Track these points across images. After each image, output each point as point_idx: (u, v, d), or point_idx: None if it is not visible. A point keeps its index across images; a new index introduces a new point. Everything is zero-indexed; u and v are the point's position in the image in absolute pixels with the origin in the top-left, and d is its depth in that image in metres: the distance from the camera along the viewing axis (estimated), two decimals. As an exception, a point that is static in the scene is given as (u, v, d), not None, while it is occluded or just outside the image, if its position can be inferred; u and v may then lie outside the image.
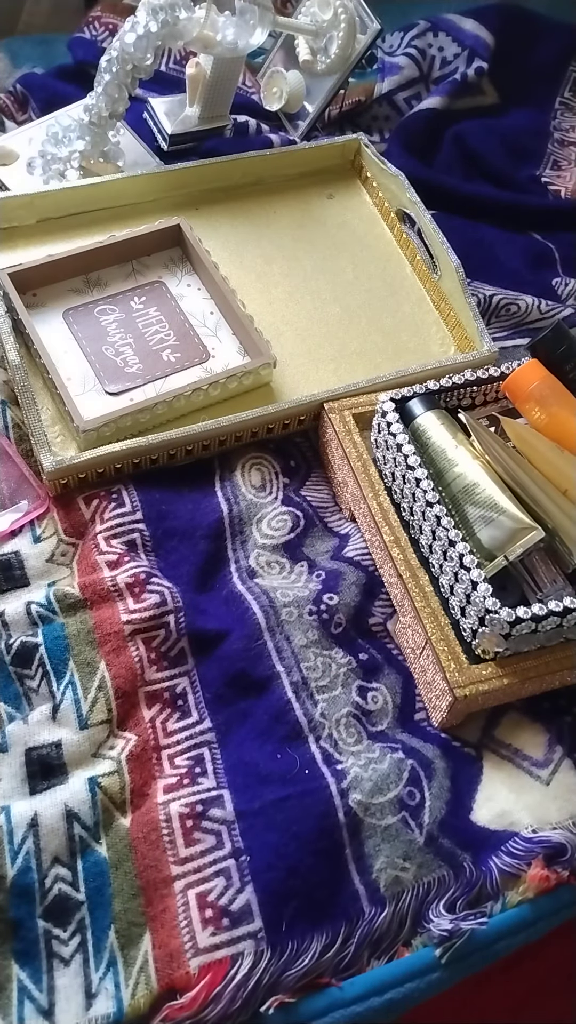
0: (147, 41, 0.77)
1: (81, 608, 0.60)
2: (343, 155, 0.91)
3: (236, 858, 0.50)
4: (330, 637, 0.60)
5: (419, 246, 0.83)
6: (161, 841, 0.51)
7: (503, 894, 0.51)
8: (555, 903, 0.51)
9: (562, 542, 0.57)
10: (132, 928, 0.49)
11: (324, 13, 0.89)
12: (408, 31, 1.06)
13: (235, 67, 0.87)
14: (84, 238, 0.79)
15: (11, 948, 0.48)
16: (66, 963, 0.48)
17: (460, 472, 0.59)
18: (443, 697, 0.55)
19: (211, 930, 0.48)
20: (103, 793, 0.53)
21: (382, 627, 0.63)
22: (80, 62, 1.00)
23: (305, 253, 0.84)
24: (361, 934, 0.49)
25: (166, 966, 0.47)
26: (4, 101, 0.96)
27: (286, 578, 0.63)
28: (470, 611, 0.55)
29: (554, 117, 1.06)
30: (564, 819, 0.54)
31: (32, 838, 0.51)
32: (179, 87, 0.96)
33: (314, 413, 0.70)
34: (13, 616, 0.60)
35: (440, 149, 0.99)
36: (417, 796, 0.54)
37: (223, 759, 0.55)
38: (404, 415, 0.64)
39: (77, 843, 0.51)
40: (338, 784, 0.53)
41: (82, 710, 0.56)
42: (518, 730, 0.58)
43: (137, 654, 0.58)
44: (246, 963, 0.47)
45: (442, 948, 0.49)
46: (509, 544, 0.56)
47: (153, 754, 0.55)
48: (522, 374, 0.65)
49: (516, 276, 0.87)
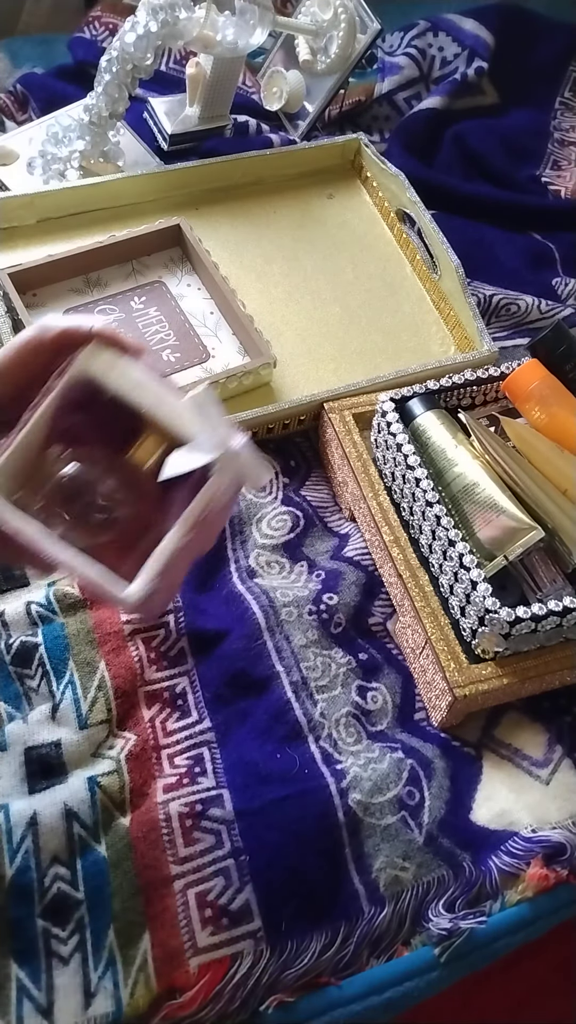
0: (147, 41, 0.77)
1: (81, 608, 0.60)
2: (343, 155, 0.91)
3: (236, 858, 0.50)
4: (330, 637, 0.60)
5: (419, 246, 0.83)
6: (160, 841, 0.51)
7: (502, 893, 0.51)
8: (554, 902, 0.51)
9: (562, 542, 0.57)
10: (131, 927, 0.49)
11: (324, 13, 0.89)
12: (408, 31, 1.06)
13: (235, 67, 0.87)
14: (84, 238, 0.79)
15: (10, 947, 0.48)
16: (65, 962, 0.48)
17: (460, 472, 0.59)
18: (443, 697, 0.55)
19: (210, 929, 0.48)
20: (102, 793, 0.53)
21: (382, 627, 0.63)
22: (80, 62, 1.00)
23: (305, 253, 0.84)
24: (360, 933, 0.49)
25: (165, 965, 0.47)
26: (4, 101, 0.96)
27: (286, 578, 0.63)
28: (470, 611, 0.55)
29: (554, 117, 1.06)
30: (564, 819, 0.54)
31: (31, 837, 0.51)
32: (179, 87, 0.96)
33: (314, 413, 0.70)
34: (13, 616, 0.60)
35: (440, 149, 0.99)
36: (417, 796, 0.54)
37: (223, 759, 0.55)
38: (404, 415, 0.64)
39: (76, 842, 0.51)
40: (338, 784, 0.53)
41: (82, 710, 0.56)
42: (518, 730, 0.58)
43: (137, 654, 0.58)
44: (245, 962, 0.47)
45: (441, 947, 0.49)
46: (509, 544, 0.56)
47: (153, 754, 0.55)
48: (522, 374, 0.65)
49: (516, 276, 0.87)
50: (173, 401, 0.40)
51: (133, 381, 0.40)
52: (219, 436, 0.39)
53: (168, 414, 0.40)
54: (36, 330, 0.41)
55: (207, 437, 0.39)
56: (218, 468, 0.39)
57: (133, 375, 0.40)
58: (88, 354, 0.40)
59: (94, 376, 0.40)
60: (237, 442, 0.40)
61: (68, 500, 0.41)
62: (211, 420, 0.39)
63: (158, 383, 0.40)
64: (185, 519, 0.39)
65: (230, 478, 0.39)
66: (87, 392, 0.40)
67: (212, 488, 0.39)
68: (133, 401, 0.40)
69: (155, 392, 0.40)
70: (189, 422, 0.40)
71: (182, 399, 0.40)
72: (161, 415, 0.40)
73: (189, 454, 0.39)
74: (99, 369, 0.40)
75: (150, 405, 0.40)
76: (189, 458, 0.39)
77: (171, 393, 0.40)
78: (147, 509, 0.41)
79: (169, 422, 0.40)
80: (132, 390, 0.40)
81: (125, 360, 0.40)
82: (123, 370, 0.40)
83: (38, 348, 0.41)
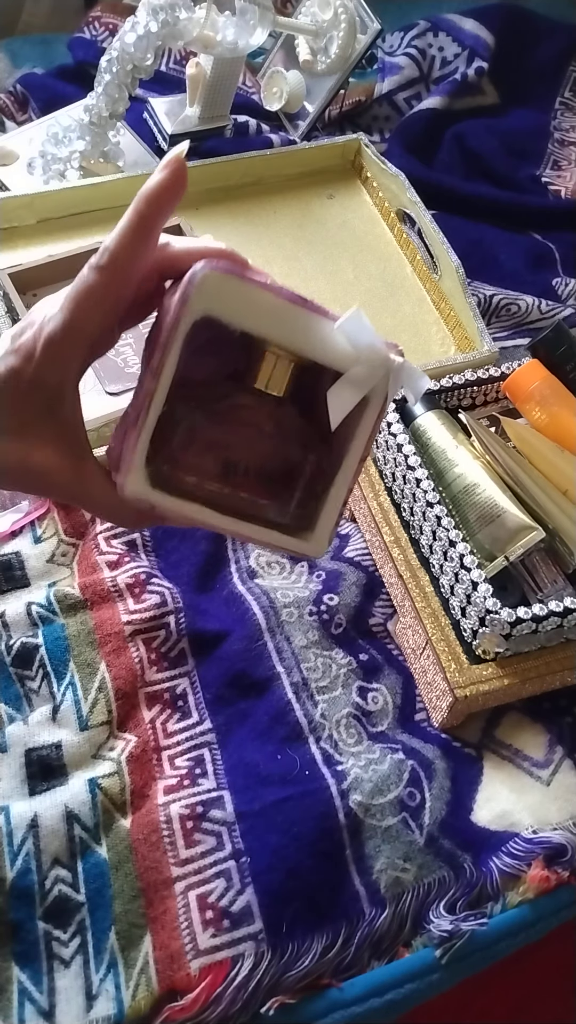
0: (147, 41, 0.77)
1: (81, 609, 0.60)
2: (343, 155, 0.91)
3: (237, 859, 0.50)
4: (330, 637, 0.60)
5: (419, 246, 0.83)
6: (161, 842, 0.51)
7: (503, 895, 0.51)
8: (555, 904, 0.51)
9: (562, 542, 0.57)
10: (133, 929, 0.49)
11: (324, 13, 0.89)
12: (408, 31, 1.06)
13: (235, 67, 0.87)
14: (84, 238, 0.79)
15: (11, 950, 0.48)
16: (66, 965, 0.48)
17: (460, 472, 0.59)
18: (443, 697, 0.55)
19: (212, 931, 0.48)
20: (103, 794, 0.53)
21: (382, 627, 0.63)
22: (80, 62, 1.00)
23: (305, 253, 0.84)
24: (361, 935, 0.49)
25: (167, 967, 0.47)
26: (4, 101, 0.96)
27: (286, 578, 0.63)
28: (471, 611, 0.55)
29: (554, 117, 1.06)
30: (564, 820, 0.54)
31: (32, 839, 0.51)
32: (179, 87, 0.96)
33: (314, 413, 0.70)
34: (13, 617, 0.60)
35: (440, 149, 0.99)
36: (417, 797, 0.54)
37: (223, 760, 0.55)
38: (404, 415, 0.63)
39: (77, 844, 0.51)
40: (338, 785, 0.53)
41: (82, 711, 0.56)
42: (519, 730, 0.58)
43: (137, 655, 0.58)
44: (247, 964, 0.47)
45: (442, 949, 0.49)
46: (509, 544, 0.56)
47: (153, 755, 0.55)
48: (522, 374, 0.65)
49: (516, 276, 0.87)
50: (315, 324, 0.34)
51: (263, 311, 0.33)
52: (380, 356, 0.34)
53: (312, 341, 0.34)
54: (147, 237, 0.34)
55: (367, 360, 0.34)
56: (379, 389, 0.35)
57: (262, 304, 0.33)
58: (205, 288, 0.33)
59: (219, 315, 0.33)
60: (397, 356, 0.34)
61: (215, 463, 0.35)
62: (366, 339, 0.34)
63: (290, 304, 0.34)
64: (354, 453, 0.35)
65: (391, 395, 0.35)
66: (211, 334, 0.34)
67: (378, 414, 0.35)
68: (273, 339, 0.34)
69: (292, 317, 0.34)
70: (336, 345, 0.34)
71: (331, 325, 0.34)
72: (303, 343, 0.34)
73: (352, 385, 0.34)
74: (225, 305, 0.33)
75: (288, 336, 0.34)
76: (353, 388, 0.34)
77: (308, 312, 0.34)
78: (295, 443, 0.36)
79: (313, 350, 0.34)
80: (264, 324, 0.34)
81: (249, 287, 0.33)
82: (252, 301, 0.33)
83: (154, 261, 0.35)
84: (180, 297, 0.33)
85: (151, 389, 0.33)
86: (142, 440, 0.34)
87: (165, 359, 0.33)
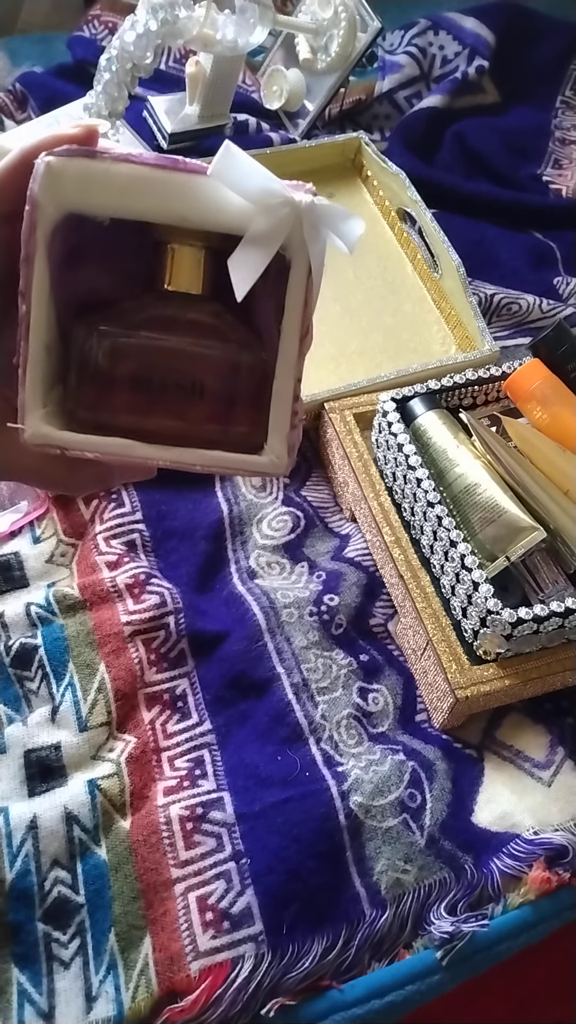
0: (147, 39, 0.76)
1: (81, 609, 0.60)
2: (343, 154, 0.91)
3: (237, 861, 0.50)
4: (331, 638, 0.60)
5: (420, 245, 0.82)
6: (161, 844, 0.51)
7: (504, 896, 0.51)
8: (556, 905, 0.51)
9: (564, 542, 0.57)
10: (132, 931, 0.49)
11: (324, 11, 0.88)
12: (409, 29, 1.05)
13: (235, 65, 0.87)
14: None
15: (11, 951, 0.48)
16: (66, 966, 0.48)
17: (461, 472, 0.59)
18: (444, 698, 0.55)
19: (212, 933, 0.48)
20: (103, 796, 0.53)
21: (383, 628, 0.63)
22: (79, 61, 1.00)
23: (305, 252, 0.83)
24: (362, 936, 0.49)
25: (167, 969, 0.47)
26: (3, 100, 0.96)
27: (286, 579, 0.63)
28: (471, 612, 0.55)
29: (555, 116, 1.06)
30: (565, 821, 0.54)
31: (31, 841, 0.51)
32: (179, 86, 0.95)
33: (315, 413, 0.70)
34: (12, 617, 0.60)
35: (441, 148, 0.99)
36: (418, 798, 0.53)
37: (223, 761, 0.55)
38: (405, 415, 0.63)
39: (77, 846, 0.51)
40: (339, 786, 0.53)
41: (81, 712, 0.56)
42: (520, 731, 0.58)
43: (137, 655, 0.58)
44: (247, 966, 0.47)
45: (443, 950, 0.49)
46: (511, 544, 0.55)
47: (153, 756, 0.55)
48: (523, 374, 0.65)
49: (517, 275, 0.87)
50: (191, 185, 0.28)
51: (123, 187, 0.28)
52: (278, 198, 0.27)
53: (193, 207, 0.28)
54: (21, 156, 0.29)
55: (263, 209, 0.28)
56: (297, 243, 0.28)
57: (119, 178, 0.28)
58: (49, 179, 0.28)
59: (80, 207, 0.28)
60: (304, 195, 0.28)
61: (132, 387, 0.30)
62: (255, 183, 0.27)
63: (155, 170, 0.28)
64: (290, 334, 0.29)
65: (317, 250, 0.28)
66: (75, 232, 0.29)
67: (305, 277, 0.29)
68: (140, 214, 0.29)
69: (160, 185, 0.28)
70: (225, 203, 0.28)
71: (199, 176, 0.28)
72: (184, 212, 0.28)
73: (255, 244, 0.28)
74: (81, 193, 0.28)
75: (163, 208, 0.28)
76: (257, 248, 0.28)
77: (179, 174, 0.28)
78: (232, 348, 0.31)
79: (199, 217, 0.28)
80: (130, 201, 0.28)
81: (101, 163, 0.28)
82: (109, 179, 0.28)
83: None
84: (29, 199, 0.28)
85: (24, 314, 0.29)
86: (31, 376, 0.29)
87: (31, 275, 0.28)
